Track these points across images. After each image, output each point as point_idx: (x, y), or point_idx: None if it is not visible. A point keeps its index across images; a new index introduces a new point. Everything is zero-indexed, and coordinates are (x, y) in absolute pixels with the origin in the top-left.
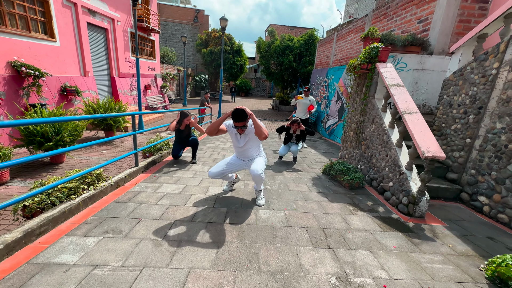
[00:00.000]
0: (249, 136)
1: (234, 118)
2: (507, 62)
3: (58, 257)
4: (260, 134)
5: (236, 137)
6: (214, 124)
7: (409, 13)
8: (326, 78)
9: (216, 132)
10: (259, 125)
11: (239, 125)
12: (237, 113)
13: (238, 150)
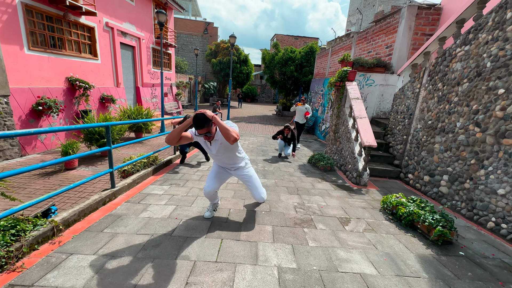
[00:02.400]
0: (220, 142)
1: (195, 126)
2: (423, 84)
3: (153, 191)
4: (228, 137)
5: (206, 144)
6: (173, 133)
7: (380, 39)
8: (322, 87)
9: (176, 141)
10: (225, 128)
11: (202, 132)
12: (196, 119)
13: (215, 158)
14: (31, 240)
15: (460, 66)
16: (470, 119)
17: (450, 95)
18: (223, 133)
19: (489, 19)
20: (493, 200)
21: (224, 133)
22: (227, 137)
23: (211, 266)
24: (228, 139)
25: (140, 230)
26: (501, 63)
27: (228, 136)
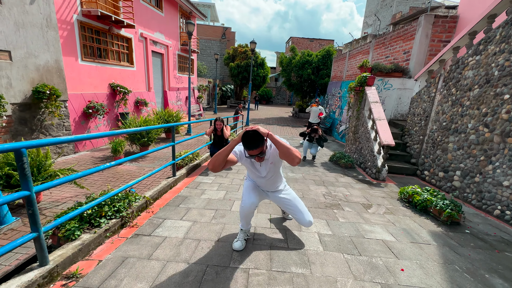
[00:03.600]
0: (271, 161)
1: (246, 146)
2: (438, 89)
3: (203, 181)
4: (291, 158)
5: (253, 166)
6: (218, 156)
7: (398, 45)
8: (340, 90)
9: (221, 166)
10: (286, 147)
11: (255, 154)
12: (248, 137)
13: (260, 181)
14: (136, 208)
15: (471, 73)
16: (480, 121)
17: (463, 99)
18: (284, 153)
19: (497, 33)
20: (499, 191)
21: (286, 152)
22: (289, 158)
23: (267, 230)
24: (291, 160)
25: (206, 206)
26: (506, 72)
27: (291, 156)
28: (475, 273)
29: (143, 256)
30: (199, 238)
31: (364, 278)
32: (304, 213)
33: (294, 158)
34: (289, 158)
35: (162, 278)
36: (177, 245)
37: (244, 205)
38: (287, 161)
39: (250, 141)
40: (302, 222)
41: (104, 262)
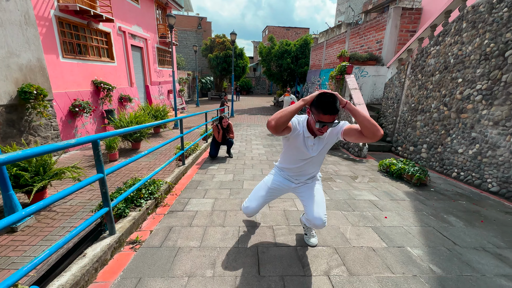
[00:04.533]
0: (327, 141)
1: (323, 107)
2: (407, 75)
3: (209, 167)
4: (375, 130)
5: (304, 143)
6: (284, 112)
7: (371, 35)
8: (319, 78)
9: (284, 126)
10: (368, 117)
11: (329, 121)
12: (327, 98)
13: (297, 165)
14: (163, 191)
15: (433, 61)
16: (441, 101)
17: (427, 83)
18: (366, 124)
19: (452, 27)
20: (455, 158)
21: (369, 123)
22: (372, 130)
23: (277, 200)
24: (374, 132)
25: (220, 187)
26: (459, 60)
27: (375, 128)
28: (437, 215)
29: (185, 225)
30: (224, 209)
31: (359, 224)
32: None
33: (378, 129)
34: (372, 130)
35: (207, 237)
36: (209, 215)
37: (248, 208)
38: (367, 135)
39: (330, 102)
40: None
41: (155, 231)
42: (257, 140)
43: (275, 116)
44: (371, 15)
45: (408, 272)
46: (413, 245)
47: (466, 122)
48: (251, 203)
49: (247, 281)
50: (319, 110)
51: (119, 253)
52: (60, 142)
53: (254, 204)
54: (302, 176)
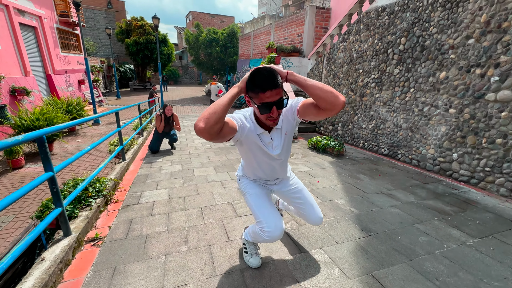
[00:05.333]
0: (286, 130)
1: (260, 85)
2: (324, 66)
3: (153, 161)
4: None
5: (261, 141)
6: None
7: (293, 29)
8: (249, 67)
9: (218, 127)
10: (319, 84)
11: (273, 99)
12: (262, 75)
13: (267, 168)
14: (110, 188)
15: (342, 55)
16: (349, 88)
17: (339, 73)
18: (320, 93)
19: (353, 28)
20: (361, 132)
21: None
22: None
23: (231, 180)
24: (334, 100)
25: (171, 177)
26: (360, 55)
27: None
28: (351, 175)
29: (146, 215)
30: (182, 195)
31: None
32: (315, 207)
33: (336, 96)
34: (329, 100)
35: (173, 221)
36: (167, 203)
37: (274, 231)
38: (326, 106)
39: (265, 75)
40: (313, 219)
41: (114, 226)
42: None
43: (203, 115)
44: (290, 9)
45: (337, 216)
46: (338, 197)
47: (366, 103)
48: (272, 221)
49: (220, 246)
50: (256, 88)
51: (80, 252)
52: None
53: (274, 219)
54: (277, 174)
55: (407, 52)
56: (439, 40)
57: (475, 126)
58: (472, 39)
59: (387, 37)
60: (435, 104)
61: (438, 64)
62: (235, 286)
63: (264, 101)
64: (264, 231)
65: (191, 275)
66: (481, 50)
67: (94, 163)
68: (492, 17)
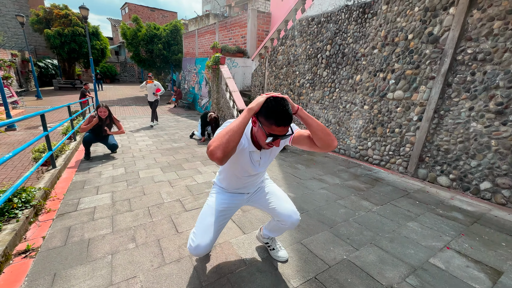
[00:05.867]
0: (275, 152)
1: (276, 119)
2: (266, 67)
3: (90, 166)
4: (330, 140)
5: (250, 158)
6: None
7: (236, 30)
8: (195, 66)
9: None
10: (322, 125)
11: (284, 132)
12: (280, 109)
13: (244, 182)
14: (39, 198)
15: (281, 57)
16: (288, 88)
17: (279, 74)
18: (320, 134)
19: (290, 33)
20: (300, 127)
21: (323, 133)
22: (327, 140)
23: (178, 178)
24: (329, 143)
25: (113, 181)
26: (296, 58)
27: (330, 138)
28: (291, 165)
29: (86, 221)
30: (127, 198)
31: None
32: (288, 204)
33: (333, 139)
34: (327, 142)
35: (118, 223)
36: (111, 207)
37: (198, 247)
38: (321, 146)
39: (283, 110)
40: (289, 221)
41: (49, 235)
42: (140, 132)
43: (219, 141)
44: (235, 9)
45: None
46: (279, 185)
47: (303, 102)
48: (201, 239)
49: (169, 239)
50: (271, 120)
51: (10, 266)
52: None
53: (205, 240)
54: (252, 186)
55: (332, 57)
56: (354, 48)
57: (381, 119)
58: (376, 49)
59: (316, 44)
60: (354, 102)
61: (355, 68)
62: (185, 270)
63: (274, 133)
64: (189, 241)
65: (140, 267)
66: (382, 58)
67: (13, 174)
68: (388, 33)
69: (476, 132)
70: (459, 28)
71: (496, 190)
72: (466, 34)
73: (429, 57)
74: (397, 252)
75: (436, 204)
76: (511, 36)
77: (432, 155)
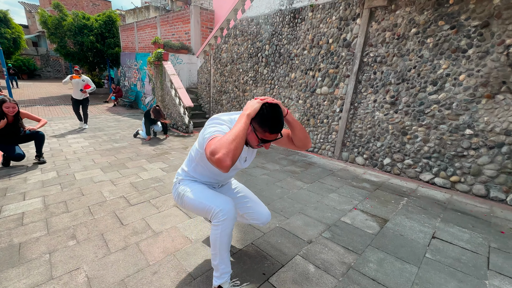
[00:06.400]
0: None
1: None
2: (212, 65)
3: (11, 172)
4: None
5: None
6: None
7: (179, 26)
8: (136, 62)
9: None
10: (303, 128)
11: (275, 138)
12: (275, 116)
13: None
14: None
15: (225, 55)
16: (234, 85)
17: (224, 71)
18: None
19: (232, 32)
20: None
21: (304, 135)
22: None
23: (122, 176)
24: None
25: (43, 185)
26: (239, 56)
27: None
28: None
29: (14, 227)
30: (63, 200)
31: None
32: (262, 204)
33: (309, 141)
34: (304, 143)
35: (54, 224)
36: (43, 210)
37: (230, 209)
38: (299, 145)
39: (278, 118)
40: (262, 216)
41: None
42: (73, 134)
43: (227, 149)
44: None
45: None
46: None
47: (248, 98)
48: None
49: (114, 231)
50: (265, 128)
51: None
52: None
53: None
54: (225, 181)
55: (271, 56)
56: (288, 49)
57: (313, 112)
58: (306, 51)
59: (256, 43)
60: (290, 97)
61: (290, 67)
62: (131, 254)
63: (267, 139)
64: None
65: (83, 260)
66: (311, 58)
67: None
68: (314, 37)
69: (379, 119)
70: (364, 36)
71: (394, 164)
72: (368, 41)
73: (344, 59)
74: (318, 216)
75: (352, 179)
76: (398, 44)
77: (351, 140)
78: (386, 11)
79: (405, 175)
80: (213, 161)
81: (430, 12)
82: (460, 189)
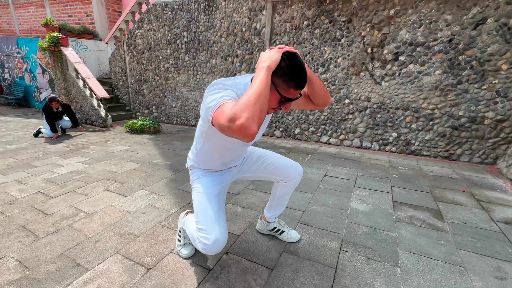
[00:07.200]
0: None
1: (297, 80)
2: (126, 52)
3: None
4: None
5: None
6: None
7: (78, 6)
8: (19, 49)
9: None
10: (322, 84)
11: (298, 96)
12: (302, 66)
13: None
14: None
15: (141, 42)
16: (154, 73)
17: (142, 59)
18: (321, 91)
19: (145, 17)
20: (172, 111)
21: (323, 89)
22: (325, 99)
23: (33, 177)
24: (326, 99)
25: None
26: (157, 43)
27: (327, 96)
28: (167, 143)
29: None
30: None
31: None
32: (292, 162)
33: (329, 96)
34: (325, 99)
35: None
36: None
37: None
38: (320, 103)
39: (305, 71)
40: (296, 172)
41: None
42: None
43: (251, 113)
44: None
45: (155, 169)
46: (156, 158)
47: (171, 86)
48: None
49: (38, 221)
50: (290, 83)
51: None
52: None
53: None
54: (238, 159)
55: (190, 43)
56: (207, 36)
57: None
58: (223, 38)
59: (174, 30)
60: None
61: (210, 54)
62: (66, 234)
63: (290, 97)
64: (201, 241)
65: (8, 249)
66: (228, 45)
67: None
68: (229, 25)
69: None
70: (270, 26)
71: (302, 132)
72: (274, 30)
73: (257, 46)
74: None
75: (271, 148)
76: (295, 34)
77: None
78: (285, 5)
79: (311, 140)
80: (234, 129)
81: (315, 8)
82: (345, 144)
